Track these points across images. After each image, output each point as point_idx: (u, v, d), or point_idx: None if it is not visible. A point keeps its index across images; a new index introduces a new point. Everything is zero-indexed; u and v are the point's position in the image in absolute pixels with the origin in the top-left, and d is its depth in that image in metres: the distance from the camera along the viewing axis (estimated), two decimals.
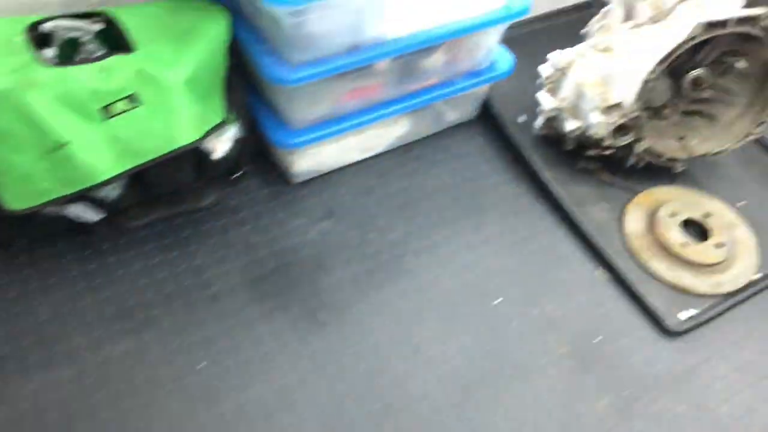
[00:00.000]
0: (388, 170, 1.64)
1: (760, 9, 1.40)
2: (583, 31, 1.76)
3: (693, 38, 1.42)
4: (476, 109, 1.75)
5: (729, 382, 1.36)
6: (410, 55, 1.44)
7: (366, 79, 1.45)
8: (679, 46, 1.42)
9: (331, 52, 1.32)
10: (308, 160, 1.55)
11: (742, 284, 1.49)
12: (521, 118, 1.77)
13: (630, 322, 1.43)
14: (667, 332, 1.41)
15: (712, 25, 1.40)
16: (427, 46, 1.41)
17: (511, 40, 1.59)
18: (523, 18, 1.45)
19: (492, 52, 1.59)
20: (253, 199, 1.55)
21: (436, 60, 1.51)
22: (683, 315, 1.44)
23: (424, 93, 1.55)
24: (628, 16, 1.66)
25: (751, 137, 1.61)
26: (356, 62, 1.34)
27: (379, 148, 1.65)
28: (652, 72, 1.45)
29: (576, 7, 2.05)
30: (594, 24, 1.73)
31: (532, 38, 1.92)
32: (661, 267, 1.50)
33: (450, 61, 1.54)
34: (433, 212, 1.57)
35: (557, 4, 2.03)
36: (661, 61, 1.44)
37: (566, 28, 1.84)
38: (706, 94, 1.63)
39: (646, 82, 1.46)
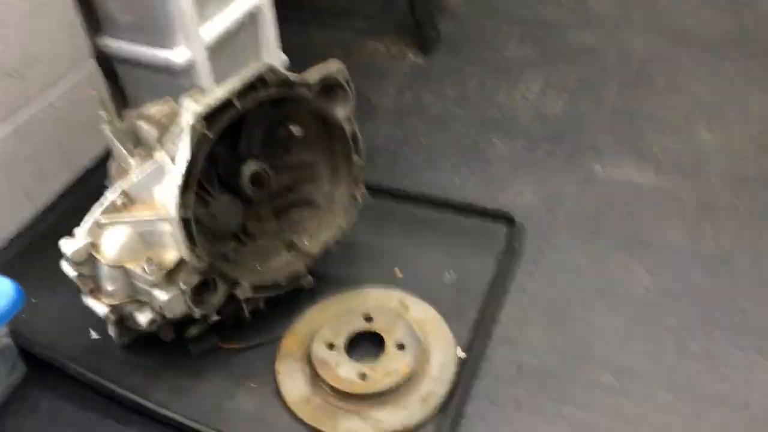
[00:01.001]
0: None
1: (250, 70, 1.05)
2: (107, 183, 1.30)
3: (204, 139, 1.02)
4: (13, 366, 1.16)
5: None
6: None
7: None
8: (193, 157, 1.02)
9: None
10: None
11: (454, 375, 1.12)
12: (94, 336, 1.24)
13: None
14: None
15: (211, 114, 1.02)
16: None
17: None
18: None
19: None
20: None
21: None
22: None
23: None
24: (137, 142, 1.23)
25: (360, 199, 1.27)
26: None
27: None
28: (183, 205, 1.02)
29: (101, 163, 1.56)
30: (111, 169, 1.28)
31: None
32: (356, 425, 1.06)
33: None
34: None
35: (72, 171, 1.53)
36: (185, 187, 1.02)
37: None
38: (283, 181, 1.26)
39: (185, 221, 1.03)
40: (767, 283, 1.26)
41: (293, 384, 1.12)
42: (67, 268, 1.12)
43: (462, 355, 1.15)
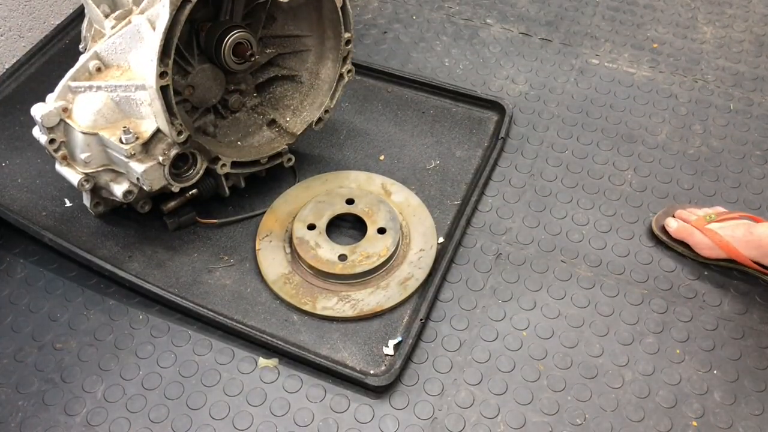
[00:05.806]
0: None
1: None
2: (81, 47, 1.24)
3: (186, 2, 0.95)
4: None
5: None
6: None
7: None
8: (174, 20, 0.95)
9: None
10: None
11: (433, 261, 1.12)
12: (68, 205, 1.21)
13: (343, 404, 0.99)
14: (383, 388, 1.00)
15: None
16: None
17: None
18: None
19: None
20: None
21: None
22: (389, 348, 1.04)
23: None
24: (114, 5, 1.15)
25: (347, 77, 1.22)
26: None
27: None
28: (163, 75, 0.97)
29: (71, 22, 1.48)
30: (85, 33, 1.21)
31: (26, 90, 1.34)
32: (334, 305, 1.07)
33: None
34: None
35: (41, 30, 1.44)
36: (164, 52, 0.96)
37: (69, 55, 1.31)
38: (267, 54, 1.20)
39: (163, 89, 0.98)
40: (751, 187, 1.26)
41: (273, 262, 1.12)
42: (38, 133, 1.07)
43: (441, 240, 1.16)
